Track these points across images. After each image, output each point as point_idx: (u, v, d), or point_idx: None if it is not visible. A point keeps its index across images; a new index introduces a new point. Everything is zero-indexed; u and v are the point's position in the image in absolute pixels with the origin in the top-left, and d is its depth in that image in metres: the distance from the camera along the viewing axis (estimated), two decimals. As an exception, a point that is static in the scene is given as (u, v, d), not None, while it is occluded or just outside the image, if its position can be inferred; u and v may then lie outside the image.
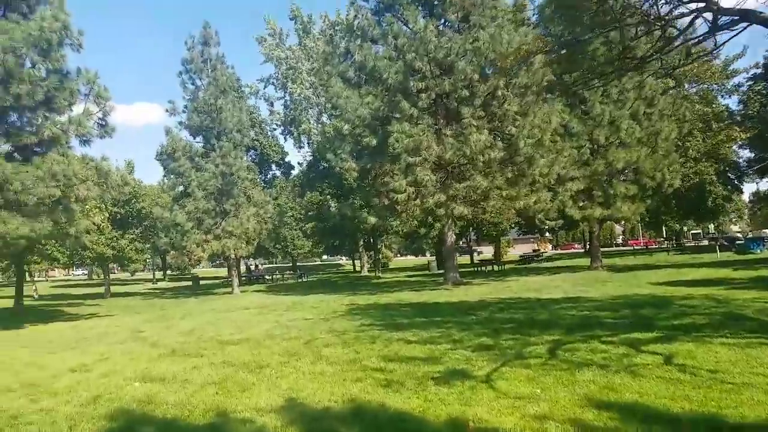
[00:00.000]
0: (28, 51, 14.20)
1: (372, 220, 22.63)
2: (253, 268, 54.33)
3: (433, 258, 46.89)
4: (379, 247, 38.69)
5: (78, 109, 16.18)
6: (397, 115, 19.91)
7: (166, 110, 28.31)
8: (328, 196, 36.12)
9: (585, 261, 35.75)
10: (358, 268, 57.23)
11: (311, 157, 38.16)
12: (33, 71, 14.40)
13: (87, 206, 19.83)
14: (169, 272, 65.78)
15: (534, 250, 59.98)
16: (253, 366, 7.64)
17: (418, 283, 26.90)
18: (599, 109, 22.97)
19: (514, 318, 11.29)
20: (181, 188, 30.20)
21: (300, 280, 40.11)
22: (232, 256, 29.20)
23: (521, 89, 19.61)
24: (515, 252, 65.54)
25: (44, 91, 14.64)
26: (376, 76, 21.14)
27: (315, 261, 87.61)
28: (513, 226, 40.15)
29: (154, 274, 56.58)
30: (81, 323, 17.33)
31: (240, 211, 28.26)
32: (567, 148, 21.71)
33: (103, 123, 16.70)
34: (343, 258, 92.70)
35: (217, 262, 68.87)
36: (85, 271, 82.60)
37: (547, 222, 25.99)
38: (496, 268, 36.59)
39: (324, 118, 41.64)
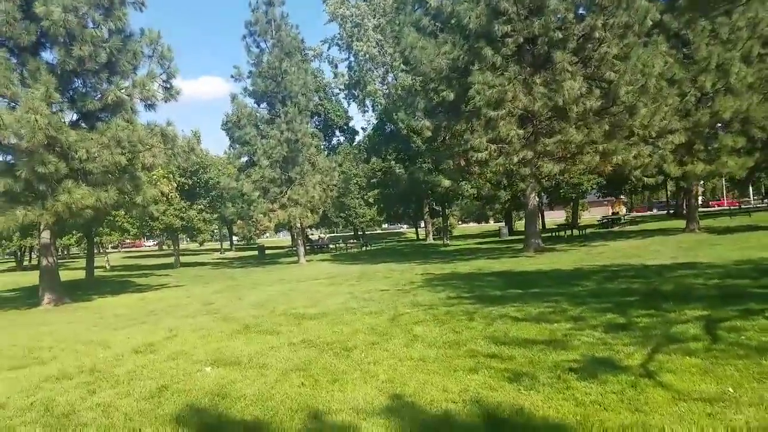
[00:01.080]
0: (89, 10, 13.51)
1: (446, 182, 21.12)
2: (315, 237, 54.27)
3: (501, 224, 44.85)
4: (447, 213, 37.01)
5: (141, 72, 15.55)
6: (478, 66, 17.99)
7: (232, 76, 27.81)
8: (393, 162, 34.67)
9: (675, 223, 32.78)
10: (422, 236, 56.10)
11: (377, 121, 36.65)
12: (95, 31, 13.73)
13: (154, 175, 19.48)
14: (235, 242, 67.24)
15: (613, 213, 56.39)
16: (338, 348, 6.52)
17: (493, 251, 25.30)
18: (705, 51, 20.01)
19: (632, 289, 9.63)
20: (246, 158, 29.87)
21: (364, 249, 39.47)
22: (298, 225, 28.64)
23: (621, 29, 17.14)
24: (589, 216, 61.89)
25: (107, 53, 14.01)
26: (453, 24, 19.28)
27: (375, 230, 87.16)
28: (594, 186, 37.24)
29: (221, 244, 57.78)
30: (150, 294, 17.11)
31: (305, 179, 27.51)
32: (671, 96, 19.06)
33: (168, 85, 16.01)
34: (405, 226, 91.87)
35: (282, 231, 69.60)
36: (156, 242, 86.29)
37: (645, 179, 23.41)
38: (575, 232, 34.25)
39: (390, 79, 40.03)
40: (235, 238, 62.08)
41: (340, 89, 46.57)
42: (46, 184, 14.12)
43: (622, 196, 63.86)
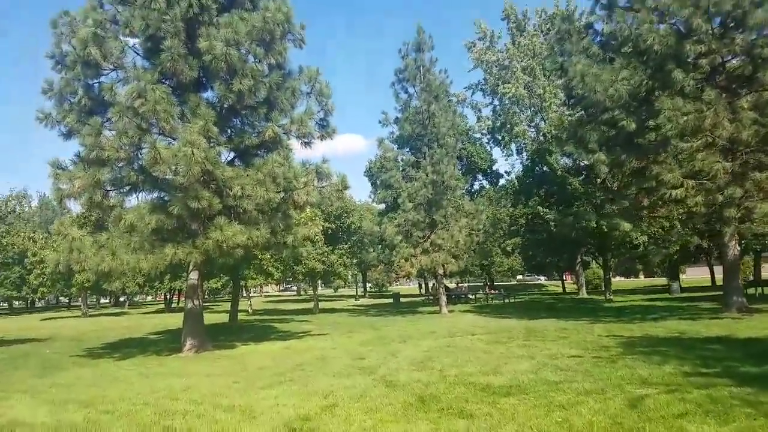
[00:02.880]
0: (251, 45, 13.24)
1: (626, 226, 17.83)
2: (452, 285, 51.82)
3: (662, 278, 38.75)
4: (609, 263, 32.64)
5: (298, 110, 15.05)
6: (666, 92, 15.10)
7: (379, 122, 27.90)
8: (541, 207, 31.57)
9: None
10: (569, 289, 51.06)
11: (528, 162, 34.12)
12: (256, 65, 13.40)
13: (302, 218, 18.84)
14: (368, 289, 67.05)
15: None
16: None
17: (674, 309, 20.99)
18: None
19: None
20: (385, 204, 29.11)
21: (506, 301, 36.23)
22: (440, 272, 26.65)
23: None
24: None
25: (266, 89, 13.58)
26: (629, 49, 16.76)
27: (510, 281, 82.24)
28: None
29: (356, 290, 57.67)
30: (294, 343, 15.93)
31: (449, 223, 25.66)
32: None
33: (324, 123, 15.33)
34: (543, 278, 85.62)
35: (411, 279, 68.05)
36: (293, 287, 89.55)
37: None
38: (762, 290, 28.26)
39: (538, 120, 37.75)
40: (368, 284, 61.92)
41: (482, 134, 45.18)
42: (198, 222, 13.74)
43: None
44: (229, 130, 14.50)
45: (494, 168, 46.73)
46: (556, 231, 28.63)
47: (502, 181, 45.76)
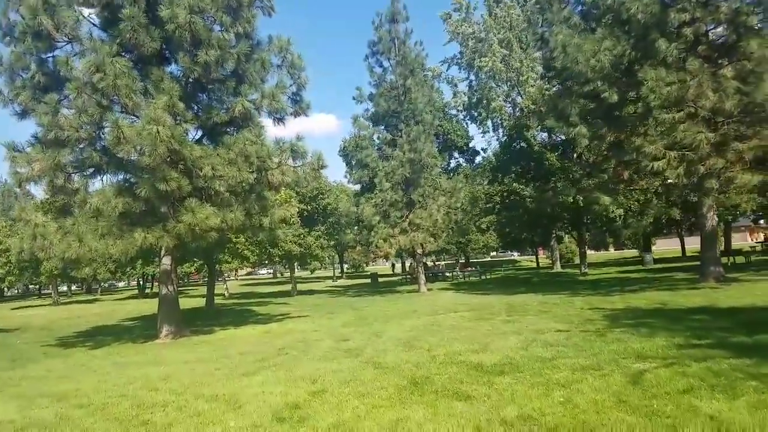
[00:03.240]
0: (216, 13, 12.47)
1: (606, 200, 17.75)
2: (430, 264, 51.91)
3: (632, 250, 39.34)
4: (585, 237, 32.80)
5: (269, 83, 14.34)
6: (645, 62, 14.89)
7: (353, 98, 26.97)
8: (518, 183, 31.36)
9: None
10: (542, 264, 51.69)
11: (505, 138, 33.79)
12: (223, 35, 12.62)
13: (277, 199, 18.20)
14: (346, 269, 66.66)
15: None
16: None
17: (651, 281, 21.23)
18: None
19: None
20: (361, 184, 28.60)
21: (482, 278, 36.42)
22: (419, 251, 26.44)
23: None
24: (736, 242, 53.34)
25: (234, 60, 12.86)
26: (610, 19, 16.48)
27: (484, 257, 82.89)
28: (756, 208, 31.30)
29: (334, 271, 57.30)
30: (275, 327, 15.51)
31: (428, 202, 25.38)
32: None
33: (297, 98, 14.69)
34: (516, 253, 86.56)
35: (385, 259, 67.82)
36: (270, 270, 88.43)
37: None
38: (738, 259, 28.93)
39: (515, 95, 37.36)
40: (345, 265, 61.58)
41: (458, 110, 44.52)
42: (168, 204, 13.08)
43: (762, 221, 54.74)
44: (195, 107, 13.76)
45: (471, 145, 46.44)
46: (534, 207, 28.62)
47: (478, 159, 45.62)
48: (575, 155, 29.03)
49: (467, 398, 5.40)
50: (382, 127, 26.88)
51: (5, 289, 59.10)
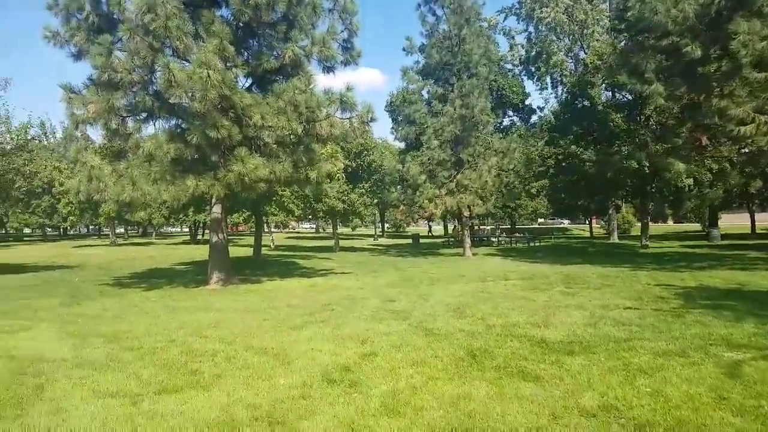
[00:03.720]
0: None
1: (680, 166, 16.37)
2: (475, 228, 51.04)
3: (693, 224, 37.12)
4: (649, 207, 30.86)
5: (319, 29, 13.62)
6: (736, 12, 13.25)
7: (403, 48, 25.54)
8: (576, 146, 29.58)
9: None
10: (596, 234, 49.97)
11: (565, 95, 31.82)
12: (273, -24, 11.96)
13: (323, 153, 17.71)
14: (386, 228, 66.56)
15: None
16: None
17: (721, 258, 19.86)
18: None
19: None
20: (406, 142, 27.72)
21: (530, 245, 35.38)
22: (466, 213, 25.69)
23: None
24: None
25: (285, 2, 12.19)
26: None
27: (530, 224, 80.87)
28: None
29: (375, 230, 57.29)
30: (319, 281, 15.34)
31: (478, 162, 24.40)
32: None
33: (348, 45, 13.96)
34: (566, 221, 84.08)
35: (434, 221, 67.17)
36: (312, 225, 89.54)
37: None
38: None
39: (577, 50, 35.04)
40: (386, 224, 61.42)
41: (514, 65, 42.17)
42: (218, 153, 12.83)
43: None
44: (245, 53, 13.25)
45: (527, 103, 43.86)
46: (594, 171, 27.01)
47: (534, 118, 43.31)
48: (643, 117, 27.12)
49: (536, 379, 4.89)
50: (433, 81, 25.68)
51: (68, 228, 62.51)
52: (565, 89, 34.47)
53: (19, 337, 7.52)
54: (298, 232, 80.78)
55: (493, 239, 38.92)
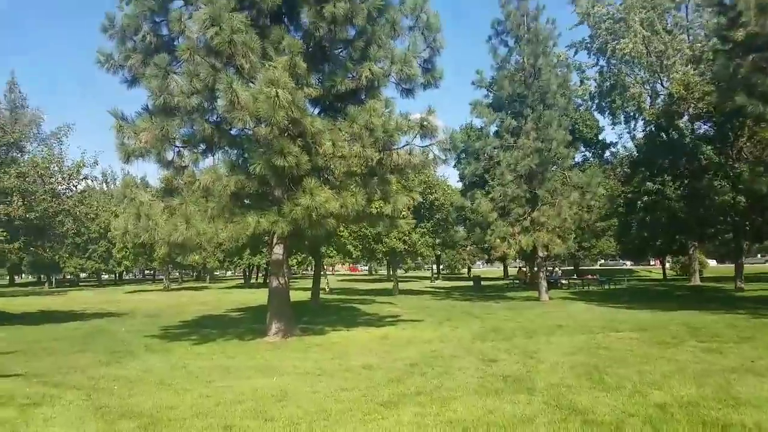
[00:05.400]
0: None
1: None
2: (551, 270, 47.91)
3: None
4: (744, 245, 27.44)
5: (398, 48, 12.18)
6: None
7: (473, 82, 24.34)
8: (660, 183, 26.77)
9: None
10: (668, 275, 45.94)
11: (650, 128, 29.20)
12: (350, -14, 10.64)
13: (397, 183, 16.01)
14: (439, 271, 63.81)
15: None
16: None
17: None
18: None
19: None
20: (475, 175, 25.94)
21: (605, 287, 32.29)
22: (542, 254, 23.32)
23: None
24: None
25: (364, 17, 10.81)
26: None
27: (591, 265, 76.15)
28: None
29: (432, 271, 54.94)
30: (391, 332, 13.37)
31: (557, 198, 22.22)
32: None
33: (429, 66, 12.46)
34: (627, 262, 78.87)
35: (493, 263, 63.99)
36: (365, 267, 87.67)
37: None
38: None
39: (652, 82, 32.83)
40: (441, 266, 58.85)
41: (583, 99, 40.13)
42: (282, 187, 11.35)
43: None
44: (316, 75, 11.91)
45: (600, 137, 41.60)
46: (683, 207, 24.19)
47: (607, 153, 40.78)
48: (735, 150, 24.40)
49: None
50: (506, 114, 23.99)
51: (123, 273, 63.35)
52: (644, 122, 32.05)
53: (30, 418, 5.82)
54: (350, 275, 79.16)
55: (563, 281, 35.95)
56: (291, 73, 9.70)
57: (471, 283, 41.75)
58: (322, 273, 36.18)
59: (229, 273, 76.61)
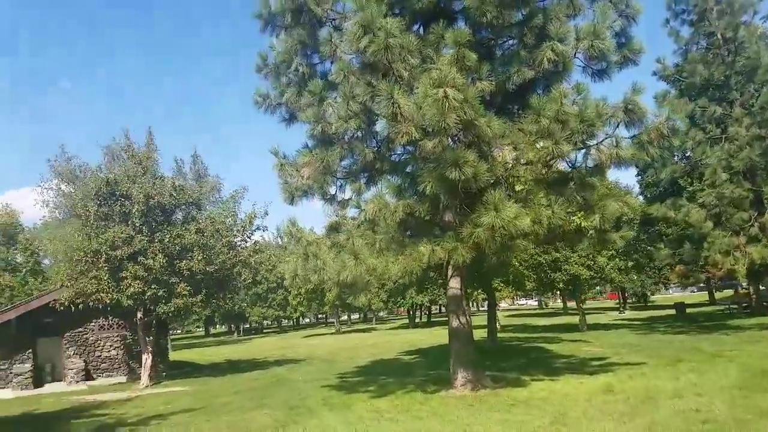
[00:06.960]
0: None
1: None
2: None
3: None
4: None
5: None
6: None
7: (654, 72, 21.21)
8: None
9: None
10: None
11: None
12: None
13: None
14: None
15: None
16: None
17: None
18: None
19: None
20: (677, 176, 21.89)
21: None
22: (779, 268, 18.24)
23: None
24: None
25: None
26: None
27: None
28: None
29: (620, 300, 48.57)
30: (612, 382, 10.39)
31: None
32: None
33: (622, 39, 10.02)
34: None
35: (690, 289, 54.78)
36: (532, 300, 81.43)
37: None
38: None
39: None
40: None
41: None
42: (455, 207, 9.52)
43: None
44: (487, 70, 10.09)
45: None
46: None
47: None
48: None
49: None
50: (704, 102, 19.82)
51: (299, 318, 67.56)
52: None
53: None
54: (515, 309, 74.31)
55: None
56: (459, 68, 8.01)
57: (669, 312, 35.50)
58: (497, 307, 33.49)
59: (391, 315, 77.53)
